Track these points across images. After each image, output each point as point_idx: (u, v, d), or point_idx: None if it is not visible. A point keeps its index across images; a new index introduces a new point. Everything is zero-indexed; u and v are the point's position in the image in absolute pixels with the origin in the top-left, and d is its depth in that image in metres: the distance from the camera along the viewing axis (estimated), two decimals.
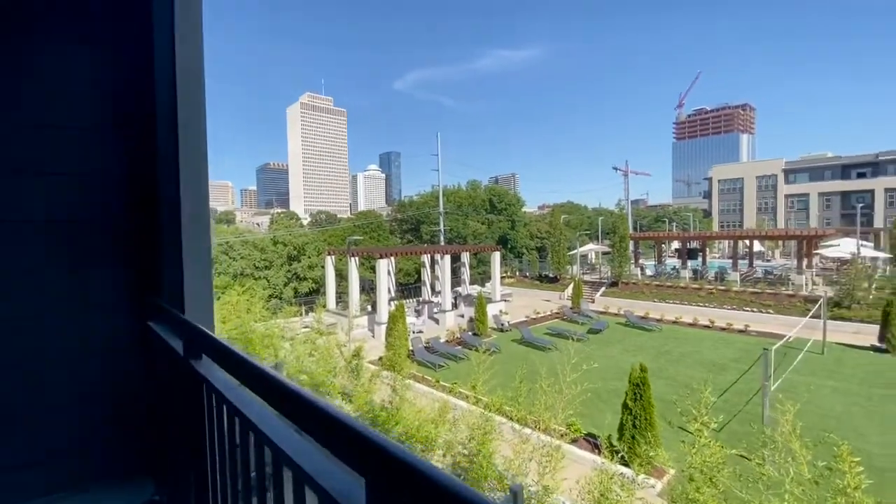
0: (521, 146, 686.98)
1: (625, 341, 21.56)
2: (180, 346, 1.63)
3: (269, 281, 32.27)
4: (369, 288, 29.82)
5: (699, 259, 36.69)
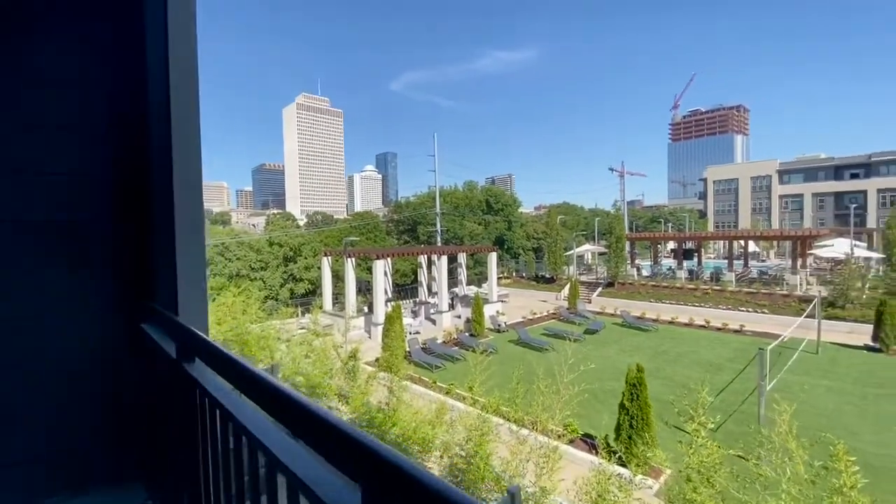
0: (518, 147, 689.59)
1: (621, 342, 21.60)
2: (173, 348, 1.60)
3: (265, 282, 32.11)
4: (366, 289, 29.74)
5: (695, 259, 36.88)
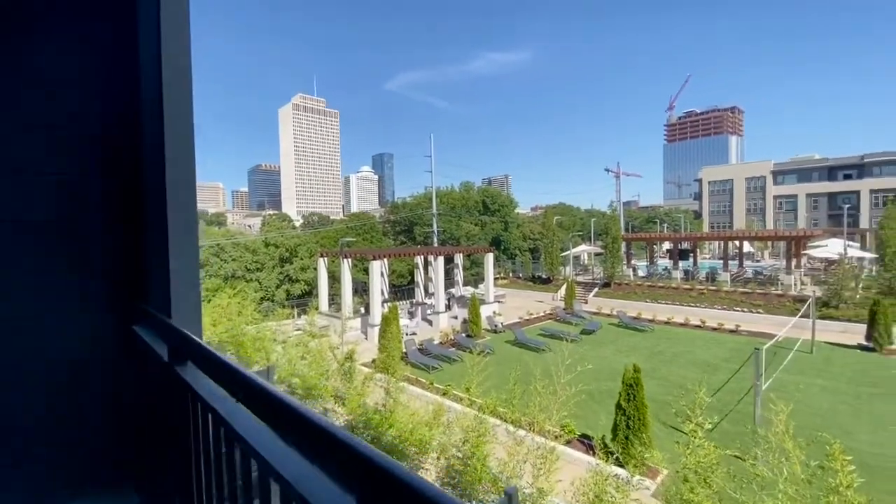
0: (514, 148, 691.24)
1: (618, 342, 21.65)
2: (166, 351, 1.57)
3: (260, 283, 31.97)
4: (362, 290, 29.68)
5: (690, 260, 37.05)
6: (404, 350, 18.92)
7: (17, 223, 2.03)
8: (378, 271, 23.72)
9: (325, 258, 27.13)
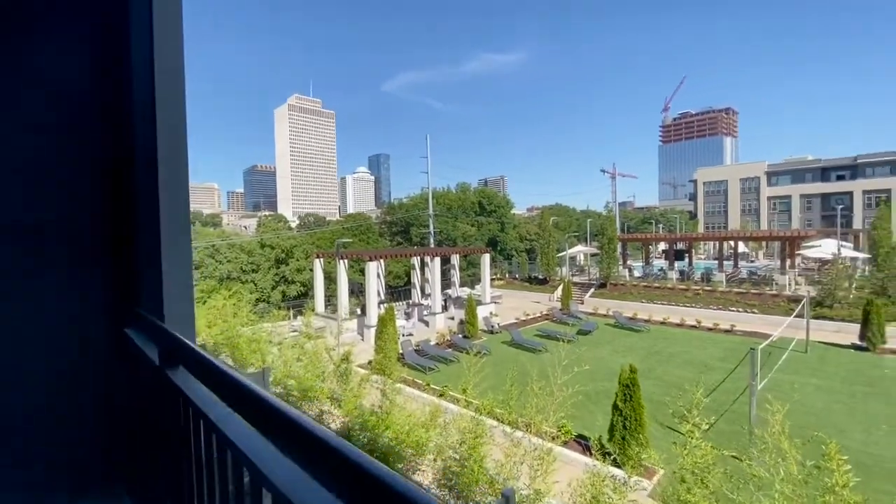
0: (510, 149, 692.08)
1: (614, 342, 21.70)
2: (157, 354, 1.55)
3: (256, 284, 31.85)
4: (358, 291, 29.61)
5: (686, 260, 37.19)
6: (401, 351, 18.87)
7: (9, 225, 2.00)
8: (374, 272, 23.67)
9: (322, 259, 27.05)
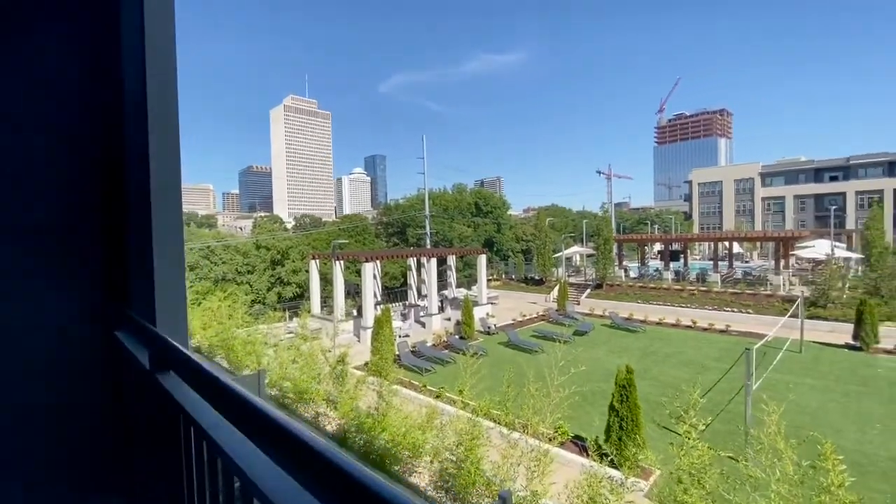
0: (506, 150, 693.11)
1: (610, 343, 21.75)
2: (147, 358, 1.51)
3: (251, 286, 31.68)
4: (355, 292, 29.52)
5: (681, 260, 37.41)
6: (397, 352, 18.82)
7: None
8: (370, 273, 23.61)
9: (317, 260, 26.95)
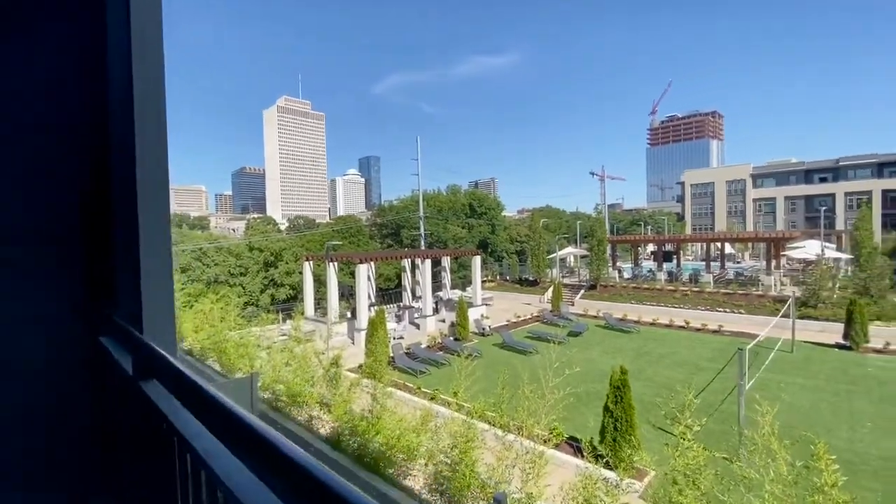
0: (500, 151, 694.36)
1: (604, 343, 21.82)
2: (131, 365, 1.47)
3: (244, 288, 31.45)
4: (349, 294, 29.39)
5: (674, 261, 37.62)
6: (391, 354, 18.75)
7: None
8: (365, 275, 23.51)
9: (311, 262, 26.79)
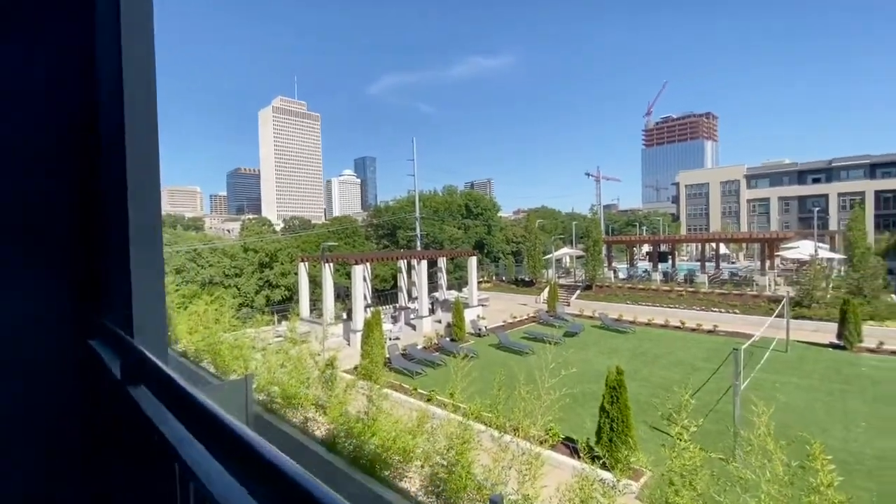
0: (497, 152, 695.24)
1: (600, 344, 21.87)
2: (120, 369, 1.43)
3: (239, 289, 31.27)
4: (345, 295, 29.29)
5: (669, 262, 37.84)
6: (387, 355, 18.68)
7: None
8: (360, 276, 23.45)
9: (307, 263, 26.70)
